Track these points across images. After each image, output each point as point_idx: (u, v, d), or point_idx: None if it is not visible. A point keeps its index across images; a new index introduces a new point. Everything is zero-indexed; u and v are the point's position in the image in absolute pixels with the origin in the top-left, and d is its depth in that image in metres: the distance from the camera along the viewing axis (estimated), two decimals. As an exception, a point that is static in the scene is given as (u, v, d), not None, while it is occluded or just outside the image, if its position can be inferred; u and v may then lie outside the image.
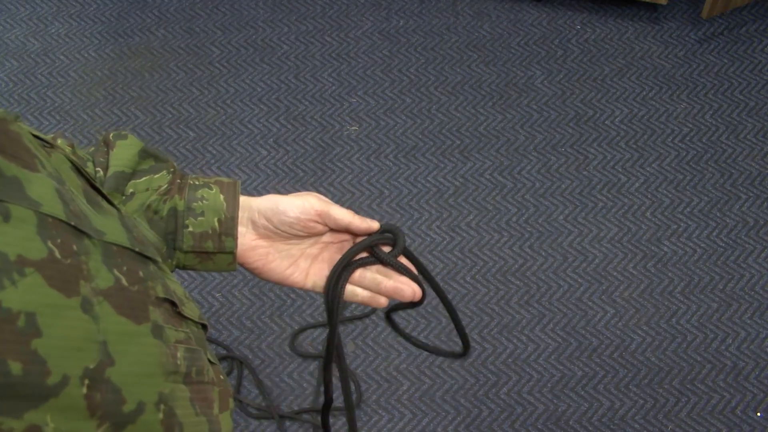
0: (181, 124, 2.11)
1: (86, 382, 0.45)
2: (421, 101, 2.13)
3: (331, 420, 1.71)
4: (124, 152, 0.72)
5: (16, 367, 0.40)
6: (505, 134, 2.08)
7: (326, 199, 0.75)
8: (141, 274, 0.55)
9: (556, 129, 2.09)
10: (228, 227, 0.72)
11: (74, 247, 0.47)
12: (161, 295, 0.57)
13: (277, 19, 2.30)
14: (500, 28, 2.27)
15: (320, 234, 0.76)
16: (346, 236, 0.77)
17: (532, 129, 2.09)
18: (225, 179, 0.75)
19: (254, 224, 0.74)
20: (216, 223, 0.72)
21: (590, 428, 1.70)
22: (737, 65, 2.19)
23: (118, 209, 0.59)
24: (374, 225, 0.74)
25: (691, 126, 2.09)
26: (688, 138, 2.07)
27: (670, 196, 1.98)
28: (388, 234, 0.74)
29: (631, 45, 2.23)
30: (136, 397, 0.50)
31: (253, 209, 0.73)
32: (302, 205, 0.72)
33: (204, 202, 0.72)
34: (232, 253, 0.73)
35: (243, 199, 0.74)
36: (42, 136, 0.55)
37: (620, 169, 2.02)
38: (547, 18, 2.28)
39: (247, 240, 0.74)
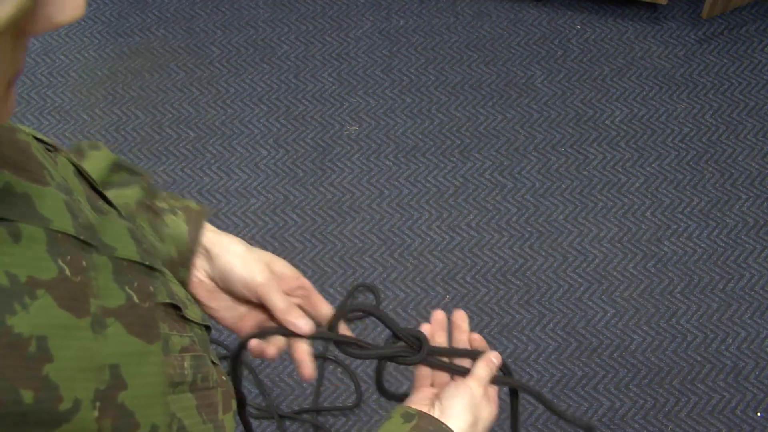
0: (181, 124, 2.11)
1: (98, 405, 0.44)
2: (421, 101, 2.14)
3: (331, 420, 1.71)
4: (93, 164, 0.71)
5: (27, 396, 0.39)
6: (505, 134, 2.08)
7: (277, 275, 0.74)
8: (151, 288, 0.54)
9: (556, 129, 2.09)
10: (185, 259, 0.72)
11: (84, 263, 0.46)
12: (166, 300, 0.56)
13: (277, 19, 2.30)
14: (500, 28, 2.27)
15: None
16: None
17: (532, 129, 2.09)
18: (194, 206, 0.74)
19: (211, 268, 0.74)
20: (174, 253, 0.72)
21: (590, 428, 1.70)
22: (737, 65, 2.19)
23: (119, 212, 0.59)
24: (303, 330, 0.73)
25: (691, 126, 2.09)
26: (688, 138, 2.07)
27: (670, 196, 1.98)
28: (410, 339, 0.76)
29: (631, 45, 2.23)
30: (149, 420, 0.49)
31: (213, 258, 0.73)
32: (249, 280, 0.72)
33: (165, 229, 0.72)
34: (184, 282, 0.73)
35: (212, 240, 0.73)
36: (44, 138, 0.54)
37: (620, 169, 2.02)
38: (547, 18, 2.28)
39: (199, 275, 0.74)
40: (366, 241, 1.92)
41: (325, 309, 0.77)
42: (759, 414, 1.71)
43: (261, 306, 0.75)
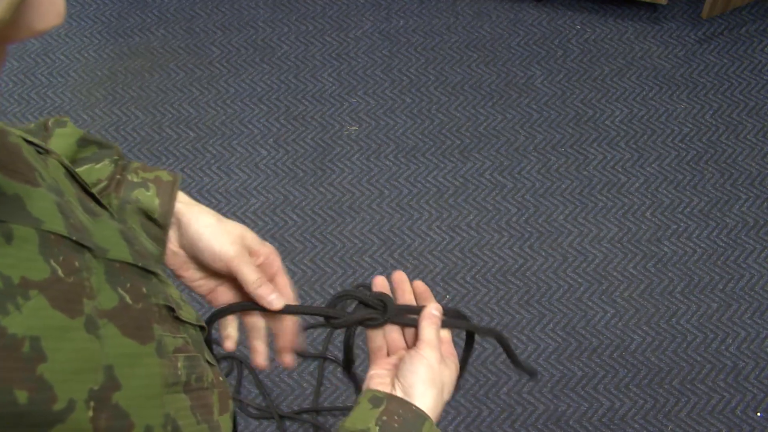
0: (181, 124, 2.11)
1: (92, 404, 0.44)
2: (421, 101, 2.13)
3: (331, 420, 1.71)
4: (61, 142, 0.71)
5: (22, 396, 0.39)
6: (505, 134, 2.08)
7: (248, 249, 0.73)
8: (144, 290, 0.54)
9: (556, 129, 2.09)
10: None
11: (76, 264, 0.46)
12: (160, 301, 0.56)
13: (277, 19, 2.30)
14: (500, 28, 2.27)
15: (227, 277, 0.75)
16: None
17: (532, 129, 2.09)
18: (165, 176, 0.74)
19: (181, 237, 0.73)
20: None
21: (590, 428, 1.70)
22: (737, 65, 2.19)
23: (111, 214, 0.59)
24: (275, 305, 0.73)
25: (691, 126, 2.09)
26: (688, 138, 2.07)
27: (670, 196, 1.98)
28: (377, 301, 0.77)
29: (631, 45, 2.23)
30: (144, 421, 0.49)
31: (183, 227, 0.73)
32: (219, 251, 0.71)
33: (138, 204, 0.72)
34: (160, 255, 0.73)
35: (182, 210, 0.73)
36: (35, 141, 0.54)
37: (620, 169, 2.02)
38: (547, 18, 2.28)
39: (171, 246, 0.74)
40: (366, 241, 1.92)
41: (288, 293, 0.76)
42: (759, 414, 1.71)
43: (233, 279, 0.74)
